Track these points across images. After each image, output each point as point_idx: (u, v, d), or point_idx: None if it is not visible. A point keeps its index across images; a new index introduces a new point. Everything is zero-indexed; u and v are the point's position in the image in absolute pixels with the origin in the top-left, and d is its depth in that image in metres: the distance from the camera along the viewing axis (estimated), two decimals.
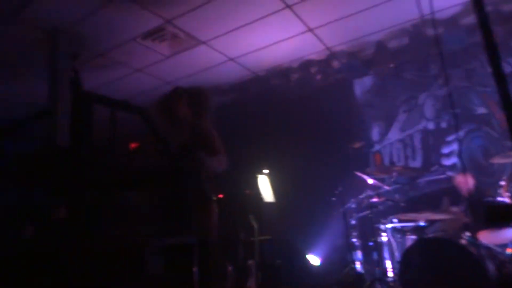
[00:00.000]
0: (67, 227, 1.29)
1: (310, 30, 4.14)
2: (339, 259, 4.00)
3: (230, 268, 3.67)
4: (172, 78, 4.93)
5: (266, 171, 4.33)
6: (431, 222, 3.39)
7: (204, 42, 4.23)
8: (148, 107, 1.75)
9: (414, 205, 3.66)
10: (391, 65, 4.72)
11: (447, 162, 4.25)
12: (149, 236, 1.27)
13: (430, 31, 4.26)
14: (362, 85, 5.09)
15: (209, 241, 1.92)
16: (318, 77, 4.92)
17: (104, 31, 3.83)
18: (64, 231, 1.34)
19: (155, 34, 3.99)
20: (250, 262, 3.55)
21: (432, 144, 4.41)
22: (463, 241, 2.82)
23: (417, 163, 4.45)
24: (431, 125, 4.47)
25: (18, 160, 1.26)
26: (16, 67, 4.29)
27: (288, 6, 3.68)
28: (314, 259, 4.26)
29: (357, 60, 4.71)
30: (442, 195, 3.78)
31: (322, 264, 4.26)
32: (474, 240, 2.84)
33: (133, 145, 1.63)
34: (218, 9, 3.64)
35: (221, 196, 4.21)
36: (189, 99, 2.41)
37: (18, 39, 3.74)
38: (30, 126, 1.39)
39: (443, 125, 4.36)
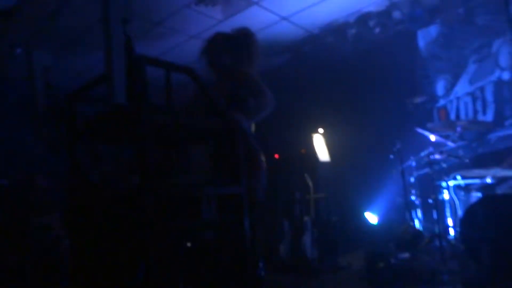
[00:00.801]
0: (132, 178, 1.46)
1: None
2: (397, 217, 3.93)
3: (286, 224, 3.83)
4: None
5: (321, 130, 4.31)
6: (500, 180, 3.17)
7: (255, 3, 4.19)
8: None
9: (481, 162, 3.42)
10: (460, 10, 4.27)
11: None
12: (203, 185, 1.39)
13: None
14: (426, 36, 4.70)
15: (255, 192, 1.95)
16: (377, 30, 4.64)
17: (159, 0, 3.97)
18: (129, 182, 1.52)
19: None
20: (306, 218, 3.67)
21: (507, 95, 4.00)
22: None
23: (488, 117, 4.08)
24: (506, 75, 4.03)
25: (86, 121, 1.44)
26: (79, 37, 4.61)
27: None
28: (371, 217, 4.25)
29: (420, 8, 4.34)
30: None
31: (379, 222, 4.23)
32: None
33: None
34: None
35: (276, 156, 4.33)
36: (229, 45, 2.28)
37: (76, 10, 4.00)
38: (96, 90, 1.57)
39: None
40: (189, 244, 1.80)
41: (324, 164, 4.12)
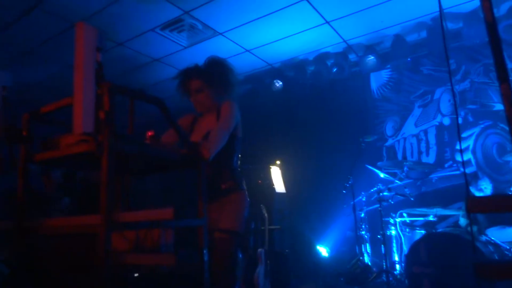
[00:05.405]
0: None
1: (327, 22, 4.15)
2: (348, 251, 4.05)
3: (239, 255, 3.78)
4: None
5: (278, 162, 4.40)
6: (441, 218, 3.41)
7: (221, 33, 4.29)
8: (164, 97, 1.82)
9: (425, 200, 3.68)
10: (409, 59, 4.68)
11: (461, 158, 4.22)
12: (163, 218, 1.35)
13: (449, 25, 4.21)
14: (378, 79, 5.07)
15: (239, 225, 2.07)
16: (334, 70, 4.93)
17: (124, 21, 3.93)
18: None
19: (174, 24, 4.07)
20: (260, 250, 3.65)
21: (447, 140, 4.39)
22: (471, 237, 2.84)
23: (430, 158, 4.44)
24: (446, 121, 4.44)
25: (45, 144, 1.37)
26: (41, 54, 4.46)
27: None
28: (323, 250, 4.34)
29: (374, 53, 4.69)
30: (455, 191, 3.78)
31: (331, 255, 4.32)
32: (482, 237, 2.85)
33: (149, 133, 1.72)
34: (235, 1, 3.68)
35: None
36: (202, 74, 2.24)
37: (42, 27, 3.89)
38: (57, 112, 1.50)
39: (459, 121, 4.32)
40: (136, 275, 1.73)
41: (280, 195, 4.18)
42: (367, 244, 3.81)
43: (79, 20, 3.26)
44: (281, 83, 5.12)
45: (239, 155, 2.30)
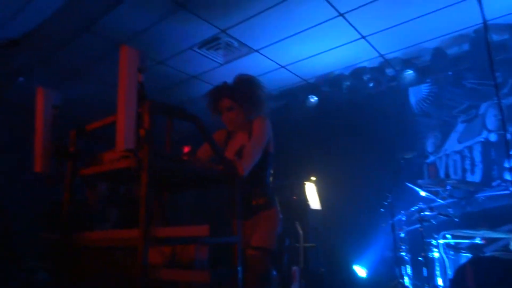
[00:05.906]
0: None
1: (363, 37, 4.10)
2: (386, 272, 3.87)
3: (274, 273, 3.73)
4: None
5: (313, 178, 4.33)
6: (489, 241, 3.19)
7: (256, 50, 4.36)
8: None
9: (470, 221, 3.45)
10: (450, 73, 4.51)
11: (511, 177, 3.95)
12: (199, 234, 1.37)
13: (494, 37, 4.02)
14: (417, 93, 4.91)
15: (271, 241, 2.07)
16: (371, 84, 4.83)
17: (164, 41, 4.10)
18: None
19: (211, 43, 4.20)
20: (294, 268, 3.58)
21: (494, 157, 4.14)
22: None
23: (476, 177, 4.19)
24: (493, 137, 4.19)
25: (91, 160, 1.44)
26: (86, 73, 4.73)
27: (341, 15, 3.69)
28: (360, 270, 4.17)
29: (412, 68, 4.56)
30: (504, 212, 3.53)
31: (368, 276, 4.15)
32: None
33: (186, 149, 1.76)
34: (270, 19, 3.74)
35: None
36: (231, 92, 2.25)
37: (89, 48, 4.14)
38: (104, 129, 1.58)
39: (507, 137, 4.06)
40: None
41: (315, 212, 4.10)
42: (408, 266, 3.62)
43: (122, 41, 3.44)
44: (316, 98, 5.09)
45: (272, 171, 2.30)
